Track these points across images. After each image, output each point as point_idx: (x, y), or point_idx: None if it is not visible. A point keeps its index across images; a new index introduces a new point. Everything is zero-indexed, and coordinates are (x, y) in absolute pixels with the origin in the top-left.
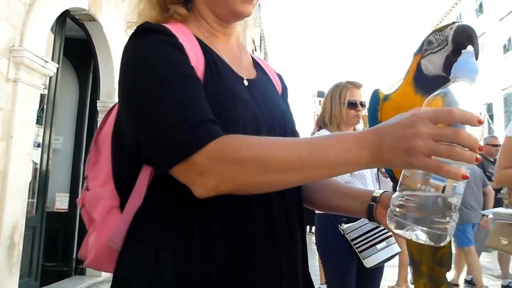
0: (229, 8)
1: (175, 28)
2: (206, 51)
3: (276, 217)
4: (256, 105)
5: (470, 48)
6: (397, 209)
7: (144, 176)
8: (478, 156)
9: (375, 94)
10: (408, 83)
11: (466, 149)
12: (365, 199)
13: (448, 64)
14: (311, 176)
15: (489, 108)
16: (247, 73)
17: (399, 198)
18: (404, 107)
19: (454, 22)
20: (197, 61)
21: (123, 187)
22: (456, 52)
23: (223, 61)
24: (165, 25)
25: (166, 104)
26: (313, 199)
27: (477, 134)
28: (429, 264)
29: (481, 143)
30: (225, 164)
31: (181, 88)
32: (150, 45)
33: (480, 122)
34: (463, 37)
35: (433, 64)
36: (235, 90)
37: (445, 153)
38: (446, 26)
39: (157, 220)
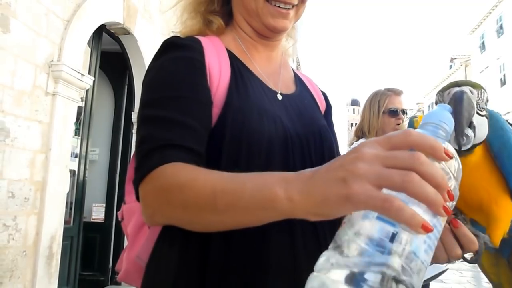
0: (261, 21)
1: (208, 41)
2: (235, 64)
3: (300, 245)
4: (289, 120)
5: (446, 105)
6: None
7: None
8: (447, 205)
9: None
10: None
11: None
12: None
13: None
14: (228, 218)
15: None
16: (284, 87)
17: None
18: None
19: (456, 85)
20: (219, 76)
21: None
22: None
23: (252, 75)
24: (198, 37)
25: (149, 124)
26: None
27: (452, 182)
28: (510, 283)
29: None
30: (155, 194)
31: (170, 111)
32: (164, 63)
33: (449, 156)
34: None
35: None
36: (261, 104)
37: (398, 180)
38: (448, 87)
39: (178, 240)
